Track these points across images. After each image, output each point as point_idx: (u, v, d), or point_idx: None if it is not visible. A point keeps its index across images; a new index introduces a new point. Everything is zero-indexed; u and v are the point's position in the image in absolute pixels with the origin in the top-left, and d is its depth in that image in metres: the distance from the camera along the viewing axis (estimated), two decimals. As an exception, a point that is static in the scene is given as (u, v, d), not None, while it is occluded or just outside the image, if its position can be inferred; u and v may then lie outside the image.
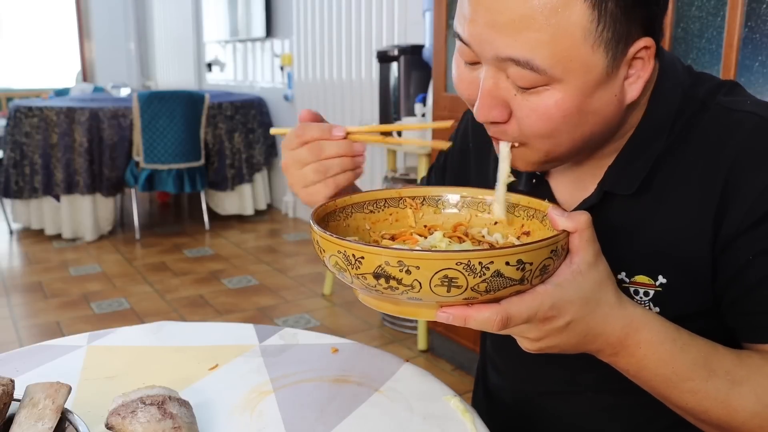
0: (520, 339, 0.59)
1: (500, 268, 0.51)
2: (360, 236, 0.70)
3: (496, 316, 0.53)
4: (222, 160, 4.57)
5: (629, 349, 0.60)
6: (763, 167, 0.65)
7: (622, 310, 0.59)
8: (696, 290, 0.69)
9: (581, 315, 0.57)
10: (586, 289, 0.56)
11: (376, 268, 0.52)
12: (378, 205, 0.72)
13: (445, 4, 2.44)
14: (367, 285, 0.54)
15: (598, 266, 0.58)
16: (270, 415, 0.75)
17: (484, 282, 0.51)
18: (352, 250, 0.54)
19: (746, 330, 0.68)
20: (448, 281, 0.51)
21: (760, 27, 1.53)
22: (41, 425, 0.60)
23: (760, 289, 0.65)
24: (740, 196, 0.65)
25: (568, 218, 0.56)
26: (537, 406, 0.87)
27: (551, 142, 0.66)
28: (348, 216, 0.70)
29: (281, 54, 4.76)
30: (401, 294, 0.53)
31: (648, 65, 0.65)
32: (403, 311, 0.58)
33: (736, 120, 0.68)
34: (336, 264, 0.56)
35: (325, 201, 0.70)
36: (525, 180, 0.81)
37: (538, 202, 0.67)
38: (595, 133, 0.67)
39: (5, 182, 4.19)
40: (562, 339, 0.58)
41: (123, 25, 7.48)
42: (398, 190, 0.73)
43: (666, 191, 0.70)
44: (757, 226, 0.65)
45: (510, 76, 0.63)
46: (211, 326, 0.99)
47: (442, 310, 0.54)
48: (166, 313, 3.05)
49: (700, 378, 0.61)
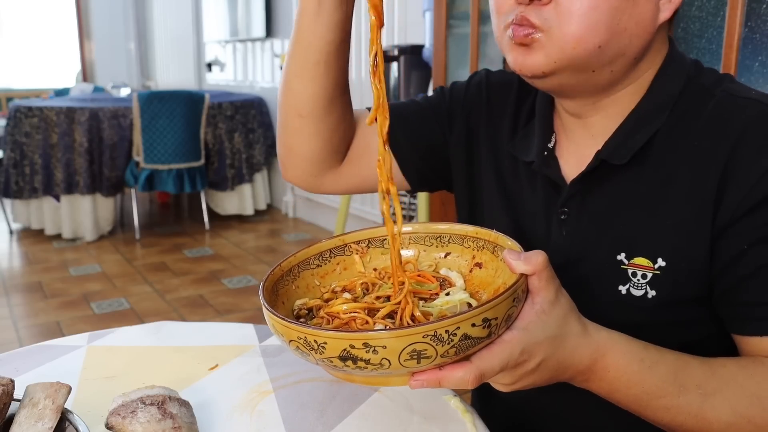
0: (494, 384, 0.59)
1: (467, 331, 0.50)
2: (311, 294, 0.68)
3: (470, 375, 0.53)
4: (222, 160, 4.57)
5: (598, 373, 0.61)
6: (763, 154, 0.65)
7: (588, 338, 0.60)
8: (694, 276, 0.69)
9: (550, 353, 0.57)
10: (552, 326, 0.56)
11: (341, 351, 0.51)
12: (324, 258, 0.71)
13: (444, 4, 2.44)
14: (335, 367, 0.53)
15: (560, 301, 0.58)
16: (270, 415, 0.75)
17: (453, 347, 0.50)
18: (313, 336, 0.52)
19: (735, 321, 0.68)
20: (417, 354, 0.50)
21: (760, 27, 1.53)
22: (41, 425, 0.60)
23: (752, 279, 0.65)
24: (739, 181, 0.66)
25: (525, 261, 0.55)
26: (537, 405, 0.87)
27: (587, 21, 0.64)
28: (296, 277, 0.68)
29: (281, 54, 4.76)
30: (371, 372, 0.52)
31: None
32: (374, 382, 0.57)
33: (740, 106, 0.69)
34: (297, 348, 0.54)
35: (274, 265, 0.69)
36: (537, 151, 0.80)
37: (486, 233, 0.66)
38: (626, 33, 0.67)
39: (5, 182, 4.19)
40: (535, 378, 0.58)
41: (123, 25, 7.48)
42: (341, 237, 0.72)
43: (666, 171, 0.71)
44: (754, 213, 0.65)
45: None
46: (211, 326, 0.99)
47: (415, 378, 0.53)
48: (166, 313, 3.05)
49: (671, 395, 0.61)
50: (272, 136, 4.91)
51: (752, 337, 0.66)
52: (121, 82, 6.24)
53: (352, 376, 0.57)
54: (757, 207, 0.65)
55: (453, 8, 2.45)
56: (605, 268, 0.73)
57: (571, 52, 0.66)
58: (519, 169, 0.84)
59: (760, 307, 0.65)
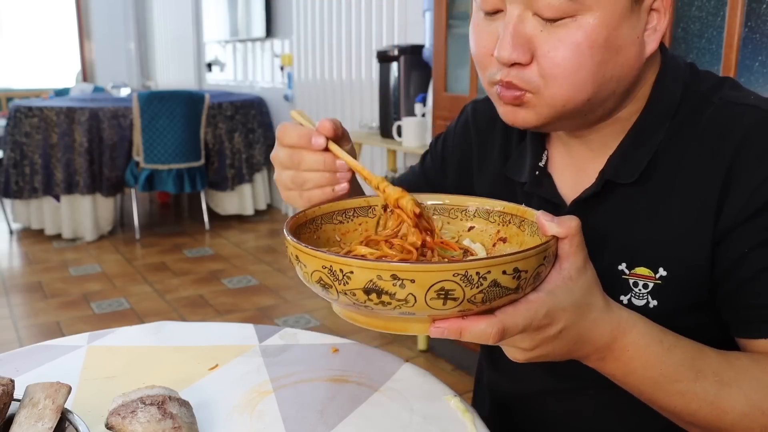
0: (511, 349, 0.58)
1: (497, 278, 0.49)
2: (331, 247, 0.67)
3: (493, 329, 0.52)
4: (222, 160, 4.57)
5: (615, 353, 0.60)
6: (764, 160, 0.65)
7: (610, 314, 0.59)
8: (695, 284, 0.69)
9: (573, 321, 0.56)
10: (577, 294, 0.56)
11: (367, 283, 0.49)
12: (347, 215, 0.70)
13: (444, 4, 2.44)
14: (356, 301, 0.51)
15: (587, 271, 0.57)
16: (270, 415, 0.75)
17: (481, 293, 0.49)
18: (339, 264, 0.50)
19: (739, 324, 0.68)
20: (445, 293, 0.49)
21: (760, 27, 1.53)
22: (41, 425, 0.60)
23: (754, 282, 0.65)
24: (740, 188, 0.66)
25: (558, 224, 0.55)
26: (537, 405, 0.87)
27: (574, 82, 0.65)
28: (318, 228, 0.67)
29: (281, 54, 4.76)
30: (393, 309, 0.50)
31: (663, 19, 0.67)
32: (392, 327, 0.55)
33: (739, 113, 0.69)
34: (320, 280, 0.52)
35: (298, 211, 0.67)
36: (528, 172, 0.81)
37: (514, 207, 0.65)
38: (615, 79, 0.67)
39: (5, 182, 4.19)
40: (554, 347, 0.57)
41: (123, 25, 7.48)
42: (366, 199, 0.71)
43: (668, 182, 0.71)
44: (755, 218, 0.65)
45: (537, 10, 0.63)
46: (211, 326, 0.99)
47: (436, 324, 0.52)
48: (166, 313, 3.05)
49: (687, 379, 0.61)
50: (272, 136, 4.91)
51: (756, 339, 0.66)
52: (121, 82, 6.24)
53: (371, 318, 0.55)
54: (758, 212, 0.65)
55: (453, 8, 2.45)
56: (606, 278, 0.73)
57: (561, 109, 0.67)
58: (516, 189, 0.84)
59: (762, 309, 0.65)
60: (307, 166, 0.69)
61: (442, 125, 2.52)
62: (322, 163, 0.68)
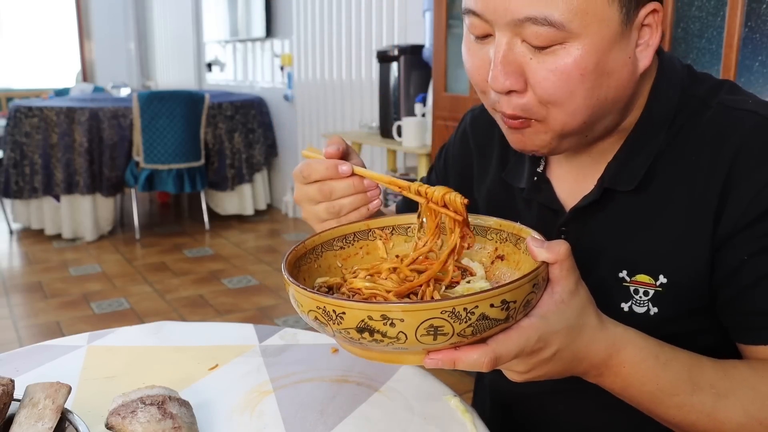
0: (508, 372, 0.59)
1: (485, 311, 0.50)
2: (332, 275, 0.68)
3: (485, 357, 0.53)
4: (222, 160, 4.57)
5: (613, 369, 0.61)
6: (763, 165, 0.65)
7: (605, 331, 0.59)
8: (695, 290, 0.69)
9: (567, 343, 0.57)
10: (570, 317, 0.56)
11: (359, 322, 0.51)
12: (347, 241, 0.71)
13: (444, 4, 2.44)
14: (351, 339, 0.53)
15: (579, 292, 0.58)
16: (270, 415, 0.75)
17: (470, 327, 0.50)
18: (332, 305, 0.52)
19: (739, 330, 0.68)
20: (434, 330, 0.50)
21: (760, 27, 1.53)
22: (41, 425, 0.60)
23: (754, 289, 0.65)
24: (739, 194, 0.65)
25: (547, 250, 0.55)
26: (537, 405, 0.87)
27: (568, 109, 0.65)
28: (318, 256, 0.69)
29: (281, 54, 4.76)
30: (387, 346, 0.52)
31: (656, 33, 0.66)
32: (388, 359, 0.57)
33: (737, 118, 0.68)
34: (316, 319, 0.54)
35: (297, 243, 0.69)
36: (527, 177, 0.81)
37: (510, 225, 0.66)
38: (609, 100, 0.67)
39: (5, 182, 4.19)
40: (550, 368, 0.58)
41: (123, 25, 7.48)
42: (366, 222, 0.72)
43: (667, 189, 0.70)
44: (754, 225, 0.65)
45: (526, 38, 0.63)
46: (211, 326, 0.99)
47: (430, 356, 0.53)
48: (166, 313, 3.05)
49: (684, 392, 0.61)
50: (272, 136, 4.92)
51: (756, 346, 0.66)
52: (121, 82, 6.24)
53: (368, 352, 0.57)
54: (758, 218, 0.65)
55: (453, 8, 2.45)
56: (607, 285, 0.73)
57: (562, 131, 0.68)
58: (515, 195, 0.84)
59: (762, 316, 0.65)
60: (339, 193, 0.71)
61: (442, 125, 2.52)
62: (352, 188, 0.71)
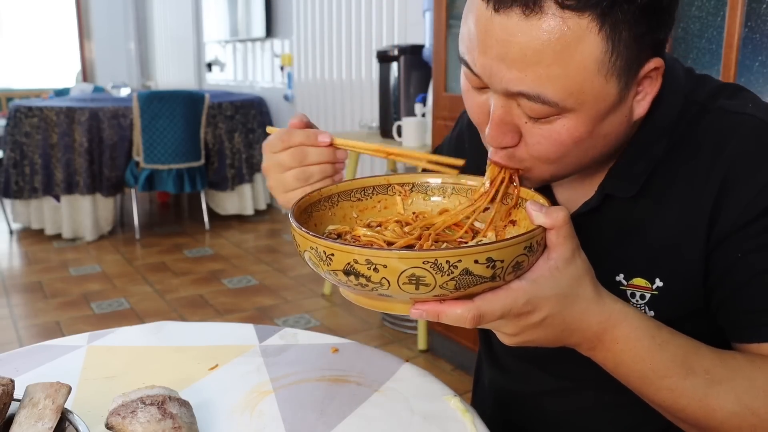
0: (498, 333, 0.60)
1: (469, 267, 0.51)
2: (347, 224, 0.70)
3: (468, 314, 0.54)
4: (222, 160, 4.57)
5: (606, 344, 0.61)
6: (760, 168, 0.65)
7: (601, 305, 0.59)
8: (691, 293, 0.69)
9: (557, 310, 0.57)
10: (563, 284, 0.57)
11: (345, 265, 0.53)
12: (366, 193, 0.72)
13: (445, 4, 2.44)
14: (339, 281, 0.55)
15: (576, 261, 0.58)
16: (270, 415, 0.75)
17: (452, 280, 0.51)
18: (323, 246, 0.54)
19: (734, 329, 0.68)
20: (416, 279, 0.51)
21: (760, 27, 1.53)
22: (41, 425, 0.60)
23: (749, 287, 0.65)
24: (735, 197, 0.65)
25: (545, 214, 0.55)
26: (537, 405, 0.87)
27: (559, 165, 0.66)
28: (334, 205, 0.70)
29: (281, 54, 4.76)
30: (372, 290, 0.54)
31: (656, 82, 0.65)
32: (379, 306, 0.59)
33: (736, 122, 0.68)
34: (310, 259, 0.57)
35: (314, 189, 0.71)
36: None
37: (526, 192, 0.66)
38: (604, 153, 0.67)
39: (5, 182, 4.18)
40: (539, 333, 0.58)
41: (123, 25, 7.48)
42: (387, 177, 0.73)
43: (665, 194, 0.70)
44: (749, 225, 0.65)
45: (521, 105, 0.62)
46: (211, 326, 0.99)
47: (415, 306, 0.55)
48: (166, 313, 3.05)
49: (677, 376, 0.61)
50: (272, 136, 4.91)
51: (752, 344, 0.66)
52: (121, 82, 6.24)
53: (360, 297, 0.60)
54: (753, 219, 0.65)
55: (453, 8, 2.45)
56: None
57: (551, 178, 0.69)
58: None
59: (757, 314, 0.65)
60: (312, 159, 0.73)
61: (442, 125, 2.52)
62: (325, 156, 0.73)
